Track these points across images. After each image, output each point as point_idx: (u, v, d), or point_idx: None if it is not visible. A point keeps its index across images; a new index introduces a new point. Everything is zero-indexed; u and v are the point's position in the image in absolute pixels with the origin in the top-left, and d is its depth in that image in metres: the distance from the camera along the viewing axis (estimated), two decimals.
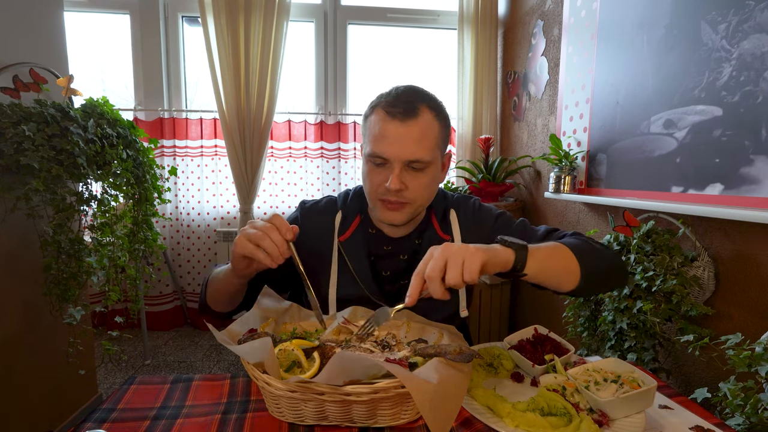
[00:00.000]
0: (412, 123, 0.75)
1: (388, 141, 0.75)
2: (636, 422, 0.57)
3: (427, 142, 0.77)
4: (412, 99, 0.77)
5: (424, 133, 0.76)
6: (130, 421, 0.59)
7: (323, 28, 2.55)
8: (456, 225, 0.88)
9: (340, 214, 0.89)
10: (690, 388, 1.12)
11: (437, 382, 0.52)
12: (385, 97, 0.79)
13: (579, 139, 1.60)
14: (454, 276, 0.58)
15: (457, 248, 0.60)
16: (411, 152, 0.75)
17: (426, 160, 0.76)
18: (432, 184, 0.81)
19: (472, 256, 0.59)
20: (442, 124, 0.80)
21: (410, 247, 0.88)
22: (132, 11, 2.42)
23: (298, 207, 0.94)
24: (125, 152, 1.42)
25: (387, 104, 0.77)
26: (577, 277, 0.71)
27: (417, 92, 0.79)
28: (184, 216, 2.57)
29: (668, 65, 1.16)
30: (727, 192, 0.98)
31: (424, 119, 0.76)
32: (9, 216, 1.18)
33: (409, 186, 0.77)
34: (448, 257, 0.59)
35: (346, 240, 0.86)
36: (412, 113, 0.75)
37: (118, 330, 1.61)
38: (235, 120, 2.30)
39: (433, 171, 0.79)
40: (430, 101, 0.79)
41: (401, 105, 0.75)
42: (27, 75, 1.29)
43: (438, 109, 0.79)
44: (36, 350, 1.38)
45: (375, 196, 0.81)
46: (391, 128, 0.75)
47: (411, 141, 0.75)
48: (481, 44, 2.41)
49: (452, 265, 0.58)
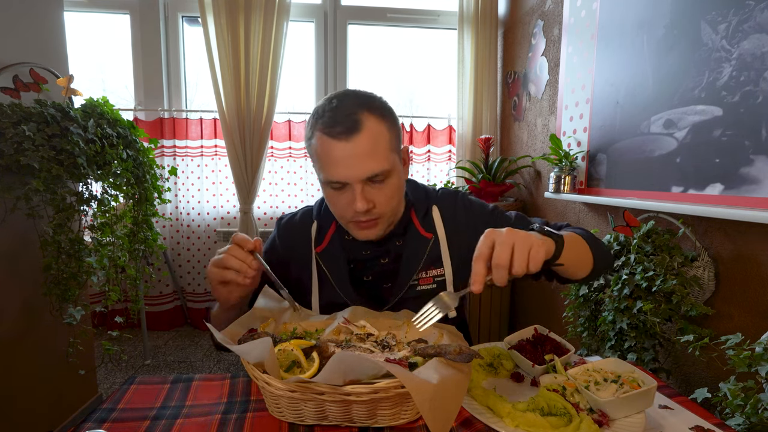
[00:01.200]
0: (357, 139, 0.69)
1: (339, 164, 0.70)
2: (636, 422, 0.57)
3: (380, 152, 0.71)
4: (350, 111, 0.70)
5: (373, 143, 0.70)
6: (130, 421, 0.59)
7: (323, 28, 2.55)
8: (439, 222, 0.85)
9: (316, 224, 0.87)
10: (690, 388, 1.12)
11: (437, 382, 0.52)
12: (321, 115, 0.72)
13: (579, 139, 1.60)
14: (520, 265, 0.56)
15: (524, 235, 0.58)
16: (367, 169, 0.70)
17: (385, 170, 0.72)
18: (398, 190, 0.78)
19: (539, 246, 0.58)
20: (390, 124, 0.74)
21: (391, 249, 0.85)
22: (132, 11, 2.42)
23: (276, 224, 0.92)
24: (125, 152, 1.42)
25: (325, 125, 0.71)
26: (590, 266, 0.74)
27: (353, 99, 0.72)
28: (184, 216, 2.57)
29: (668, 65, 1.16)
30: (727, 192, 0.98)
31: (369, 129, 0.70)
32: (9, 216, 1.18)
33: (376, 201, 0.74)
34: (515, 244, 0.57)
35: (323, 250, 0.85)
36: (354, 128, 0.69)
37: (118, 330, 1.61)
38: (235, 120, 2.30)
39: (395, 177, 0.75)
40: (370, 105, 0.72)
41: (340, 123, 0.69)
42: (27, 75, 1.29)
43: (381, 110, 0.73)
44: (36, 350, 1.38)
45: (345, 220, 0.78)
46: (337, 151, 0.70)
47: (363, 158, 0.70)
48: (481, 44, 2.41)
49: (520, 253, 0.56)
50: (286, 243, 0.88)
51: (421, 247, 0.83)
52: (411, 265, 0.83)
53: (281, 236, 0.89)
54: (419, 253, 0.83)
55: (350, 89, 0.75)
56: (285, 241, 0.88)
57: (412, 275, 0.83)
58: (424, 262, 0.83)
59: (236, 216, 2.58)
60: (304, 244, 0.87)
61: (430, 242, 0.83)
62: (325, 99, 0.74)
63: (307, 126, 0.76)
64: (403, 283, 0.83)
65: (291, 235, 0.88)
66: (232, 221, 2.61)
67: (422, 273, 0.83)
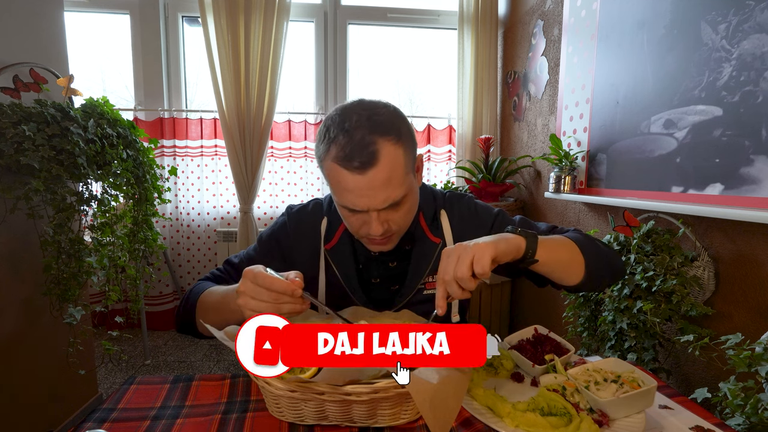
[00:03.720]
0: (374, 171, 0.65)
1: (355, 195, 0.67)
2: (636, 422, 0.57)
3: (397, 179, 0.68)
4: (366, 140, 0.65)
5: (390, 173, 0.67)
6: (130, 421, 0.59)
7: (323, 28, 2.55)
8: (447, 226, 0.84)
9: (326, 220, 0.85)
10: (690, 388, 1.12)
11: (437, 382, 0.52)
12: (334, 140, 0.66)
13: (579, 139, 1.60)
14: (462, 271, 0.57)
15: (467, 245, 0.60)
16: (383, 199, 0.68)
17: (401, 197, 0.70)
18: (414, 206, 0.76)
19: (482, 250, 0.59)
20: (406, 143, 0.70)
21: (399, 252, 0.83)
22: (132, 11, 2.42)
23: (285, 212, 0.90)
24: (125, 152, 1.42)
25: (340, 157, 0.66)
26: (582, 271, 0.71)
27: (368, 124, 0.66)
28: (184, 216, 2.57)
29: (668, 65, 1.16)
30: (727, 192, 0.98)
31: (385, 159, 0.66)
32: (9, 216, 1.18)
33: (392, 222, 0.72)
34: (459, 255, 0.59)
35: (332, 248, 0.84)
36: (371, 162, 0.65)
37: (118, 330, 1.61)
38: (235, 120, 2.30)
39: (411, 197, 0.73)
40: (385, 128, 0.67)
41: (356, 156, 0.64)
42: (27, 75, 1.29)
43: (397, 131, 0.68)
44: (36, 350, 1.38)
45: (358, 235, 0.76)
46: (353, 182, 0.66)
47: (379, 189, 0.67)
48: (481, 44, 2.41)
49: (461, 262, 0.58)
50: (295, 233, 0.86)
51: (429, 251, 0.83)
52: (419, 269, 0.83)
53: (292, 225, 0.87)
54: (427, 257, 0.83)
55: (363, 104, 0.70)
56: (295, 231, 0.86)
57: (420, 280, 0.83)
58: (432, 267, 0.83)
59: (236, 216, 2.58)
60: (313, 238, 0.85)
61: (438, 247, 0.83)
62: (338, 116, 0.68)
63: (318, 142, 0.71)
64: (410, 288, 0.83)
65: (301, 226, 0.86)
66: (232, 221, 2.61)
67: (429, 278, 0.83)
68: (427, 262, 0.83)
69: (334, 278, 0.84)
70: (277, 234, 0.88)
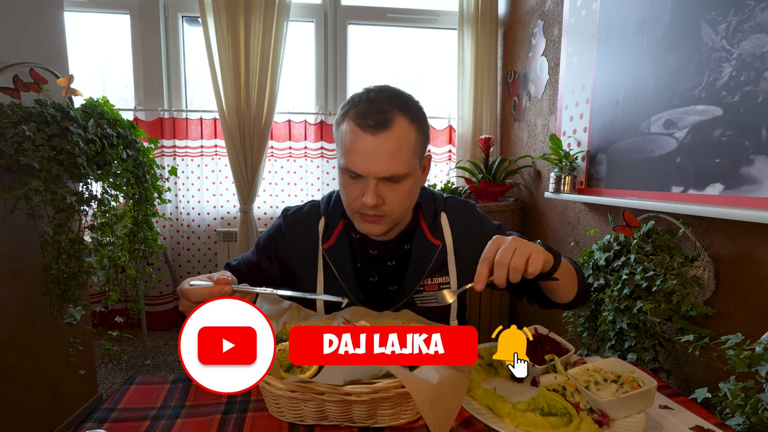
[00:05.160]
0: (385, 136, 0.69)
1: (361, 156, 0.70)
2: (636, 422, 0.57)
3: (403, 154, 0.71)
4: (385, 108, 0.70)
5: (399, 144, 0.70)
6: (130, 421, 0.59)
7: (323, 28, 2.55)
8: (447, 230, 0.85)
9: (323, 220, 0.86)
10: (690, 388, 1.12)
11: (437, 382, 0.52)
12: (356, 104, 0.72)
13: (579, 139, 1.60)
14: (520, 263, 0.60)
15: (526, 242, 0.63)
16: (386, 168, 0.70)
17: (402, 173, 0.72)
18: (411, 193, 0.77)
19: (538, 253, 0.62)
20: (420, 129, 0.74)
21: (398, 251, 0.85)
22: (132, 11, 2.42)
23: (281, 214, 0.91)
24: (125, 152, 1.42)
25: (357, 115, 0.70)
26: (574, 291, 0.78)
27: (390, 97, 0.72)
28: (184, 216, 2.57)
29: (668, 65, 1.16)
30: (727, 192, 0.98)
31: (398, 129, 0.70)
32: (9, 216, 1.18)
33: (387, 199, 0.73)
34: (516, 247, 0.61)
35: (330, 247, 0.84)
36: (384, 125, 0.69)
37: (118, 330, 1.61)
38: (235, 120, 2.30)
39: (411, 181, 0.75)
40: (405, 106, 0.72)
41: (373, 116, 0.69)
42: (27, 75, 1.29)
43: (415, 113, 0.73)
44: (36, 350, 1.38)
45: (352, 209, 0.77)
46: (362, 142, 0.70)
47: (385, 156, 0.70)
48: (481, 44, 2.41)
49: (519, 254, 0.61)
50: (292, 235, 0.86)
51: (429, 253, 0.83)
52: (418, 270, 0.83)
53: (288, 227, 0.87)
54: (427, 259, 0.83)
55: (391, 86, 0.76)
56: (292, 232, 0.87)
57: (419, 281, 0.83)
58: (431, 269, 0.83)
59: (236, 216, 2.57)
60: (310, 238, 0.85)
61: (438, 249, 0.83)
62: (364, 89, 0.75)
63: (340, 110, 0.76)
64: (408, 288, 0.83)
65: (298, 227, 0.87)
66: (232, 221, 2.61)
67: (428, 279, 0.83)
68: (426, 264, 0.82)
69: (332, 278, 0.84)
70: (274, 237, 0.88)
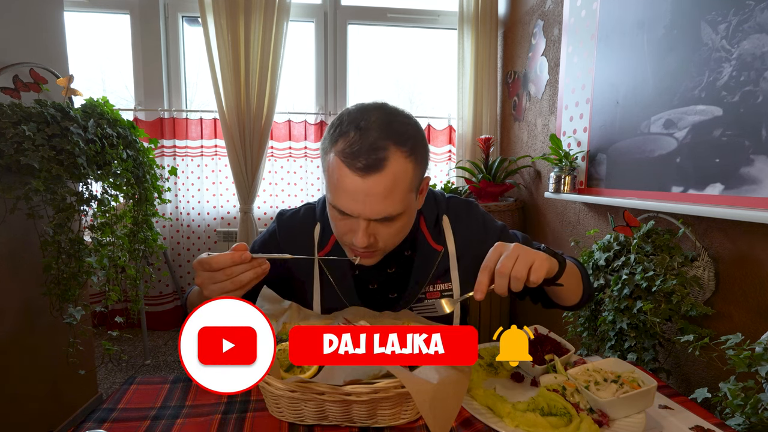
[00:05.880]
0: (377, 178, 0.61)
1: (350, 197, 0.63)
2: (636, 422, 0.57)
3: (397, 194, 0.64)
4: (378, 143, 0.61)
5: (393, 185, 0.62)
6: (130, 421, 0.59)
7: (323, 28, 2.55)
8: (449, 234, 0.81)
9: (319, 226, 0.82)
10: (690, 388, 1.12)
11: (437, 382, 0.52)
12: (344, 133, 0.63)
13: (579, 139, 1.60)
14: (522, 273, 0.58)
15: (530, 250, 0.61)
16: (378, 211, 0.64)
17: (397, 213, 0.66)
18: (406, 227, 0.72)
19: (541, 261, 0.60)
20: (417, 161, 0.66)
21: (399, 258, 0.81)
22: (132, 11, 2.42)
23: (276, 219, 0.87)
24: (125, 152, 1.42)
25: (346, 153, 0.61)
26: (580, 294, 0.77)
27: (384, 126, 0.62)
28: (184, 216, 2.57)
29: (668, 65, 1.16)
30: (727, 192, 0.98)
31: (393, 168, 0.62)
32: (9, 216, 1.18)
33: (380, 237, 0.68)
34: (519, 255, 0.59)
35: (326, 254, 0.81)
36: (376, 167, 0.61)
37: (118, 330, 1.61)
38: (235, 120, 2.30)
39: (406, 217, 0.69)
40: (401, 137, 0.63)
41: (363, 155, 0.60)
42: (27, 75, 1.29)
43: (412, 145, 0.64)
44: (36, 350, 1.38)
45: (342, 241, 0.73)
46: (352, 184, 0.62)
47: (378, 198, 0.62)
48: (481, 44, 2.41)
49: (521, 263, 0.58)
50: (287, 242, 0.84)
51: (431, 259, 0.80)
52: (420, 277, 0.80)
53: (282, 233, 0.84)
54: (429, 265, 0.80)
55: (386, 108, 0.67)
56: (287, 238, 0.84)
57: (421, 288, 0.81)
58: (432, 276, 0.80)
59: (236, 216, 2.57)
60: (306, 244, 0.82)
61: (440, 255, 0.80)
62: (356, 110, 0.65)
63: (327, 132, 0.67)
64: (410, 296, 0.81)
65: (293, 233, 0.84)
66: (232, 221, 2.61)
67: (430, 286, 0.81)
68: (428, 271, 0.80)
69: (329, 285, 0.81)
70: (268, 243, 0.85)
